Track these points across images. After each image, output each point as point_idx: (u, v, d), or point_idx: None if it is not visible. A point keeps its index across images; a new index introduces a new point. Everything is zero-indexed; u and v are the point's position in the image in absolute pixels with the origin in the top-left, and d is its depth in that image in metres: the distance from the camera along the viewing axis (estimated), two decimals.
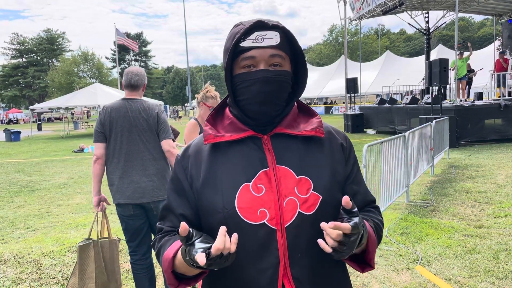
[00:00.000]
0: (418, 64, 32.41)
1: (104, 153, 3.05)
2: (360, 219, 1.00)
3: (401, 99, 20.73)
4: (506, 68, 15.57)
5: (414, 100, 15.83)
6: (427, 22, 22.12)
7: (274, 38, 1.08)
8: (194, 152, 1.19)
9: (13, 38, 72.95)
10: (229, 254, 0.95)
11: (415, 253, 4.20)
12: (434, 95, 13.38)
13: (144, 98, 3.24)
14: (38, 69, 71.20)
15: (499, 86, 15.49)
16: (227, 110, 1.21)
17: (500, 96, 14.93)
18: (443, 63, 11.92)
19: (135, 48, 26.79)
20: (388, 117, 16.87)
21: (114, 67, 68.56)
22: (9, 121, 49.48)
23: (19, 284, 3.90)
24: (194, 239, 0.97)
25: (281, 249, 1.07)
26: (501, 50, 17.58)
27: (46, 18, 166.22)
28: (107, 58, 74.09)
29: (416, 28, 23.21)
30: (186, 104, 62.49)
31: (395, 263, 3.97)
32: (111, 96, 23.90)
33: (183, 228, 0.94)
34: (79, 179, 9.69)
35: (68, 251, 4.72)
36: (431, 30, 22.56)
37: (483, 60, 24.66)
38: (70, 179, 9.73)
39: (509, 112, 12.63)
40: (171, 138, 3.10)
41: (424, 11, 22.19)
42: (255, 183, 1.09)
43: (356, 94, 20.33)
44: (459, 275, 3.66)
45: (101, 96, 24.83)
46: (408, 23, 22.94)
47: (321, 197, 1.10)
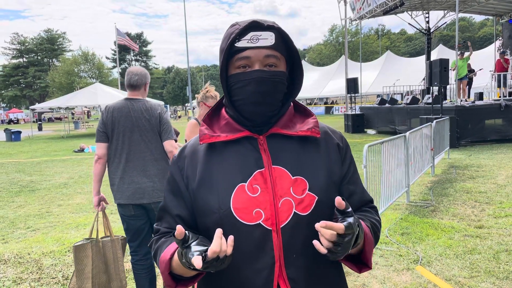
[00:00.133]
0: (419, 64, 32.41)
1: (106, 153, 3.04)
2: (355, 219, 0.99)
3: (402, 99, 20.74)
4: (507, 68, 15.58)
5: (415, 100, 15.82)
6: (428, 22, 22.14)
7: (269, 38, 1.08)
8: (190, 152, 1.19)
9: (14, 38, 73.14)
10: (226, 257, 0.94)
11: (416, 253, 4.20)
12: (434, 95, 13.37)
13: (146, 98, 3.23)
14: (39, 69, 71.26)
15: (499, 86, 15.50)
16: (223, 110, 1.20)
17: (500, 96, 14.92)
18: (443, 63, 11.91)
19: (136, 48, 26.78)
20: (389, 117, 16.87)
21: (114, 67, 68.54)
22: (10, 121, 49.52)
23: (19, 284, 3.91)
24: (190, 242, 0.97)
25: (277, 250, 1.06)
26: (502, 50, 17.59)
27: (46, 18, 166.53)
28: (107, 58, 74.21)
29: (417, 28, 23.23)
30: (186, 104, 62.50)
31: (395, 263, 3.97)
32: (111, 96, 23.90)
33: (179, 231, 0.94)
34: (80, 179, 9.69)
35: (69, 251, 4.72)
36: (431, 30, 22.58)
37: (483, 60, 24.65)
38: (71, 179, 9.73)
39: (510, 112, 12.62)
40: (174, 138, 3.09)
41: (424, 11, 22.20)
42: (251, 183, 1.09)
43: (356, 94, 20.34)
44: (460, 276, 3.66)
45: (102, 96, 24.83)
46: (409, 23, 22.96)
47: (316, 197, 1.10)
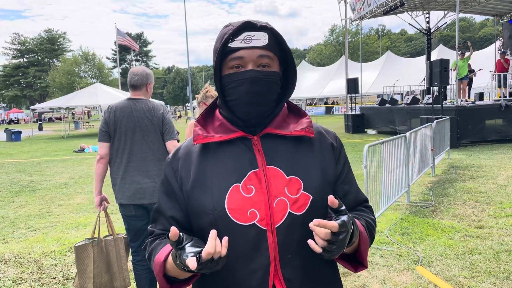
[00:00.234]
0: (419, 65, 32.36)
1: (108, 153, 3.04)
2: (349, 217, 0.99)
3: (402, 100, 20.74)
4: (507, 69, 15.58)
5: (415, 100, 15.81)
6: (428, 22, 22.13)
7: (262, 38, 1.08)
8: (184, 154, 1.19)
9: (14, 38, 73.21)
10: (220, 258, 0.94)
11: (416, 253, 4.20)
12: (434, 95, 13.37)
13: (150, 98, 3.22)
14: (39, 69, 71.29)
15: (500, 86, 15.51)
16: (217, 111, 1.20)
17: (501, 97, 14.93)
18: (443, 64, 11.91)
19: (136, 48, 26.79)
20: (389, 117, 16.86)
21: (115, 67, 68.59)
22: (10, 121, 49.54)
23: (19, 284, 3.91)
24: (184, 243, 0.96)
25: (272, 250, 1.06)
26: (502, 50, 17.59)
27: (47, 18, 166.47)
28: (108, 58, 74.27)
29: (417, 29, 23.21)
30: (186, 104, 62.51)
31: (395, 264, 3.97)
32: (111, 96, 23.92)
33: (173, 232, 0.93)
34: (80, 179, 9.69)
35: (69, 251, 4.72)
36: (432, 31, 22.56)
37: (483, 60, 24.63)
38: (71, 179, 9.74)
39: (510, 113, 12.61)
40: (176, 139, 3.09)
41: (425, 12, 22.19)
42: (245, 183, 1.09)
43: (356, 95, 20.33)
44: (460, 276, 3.66)
45: (102, 96, 24.85)
46: (409, 24, 22.94)
47: (311, 197, 1.10)
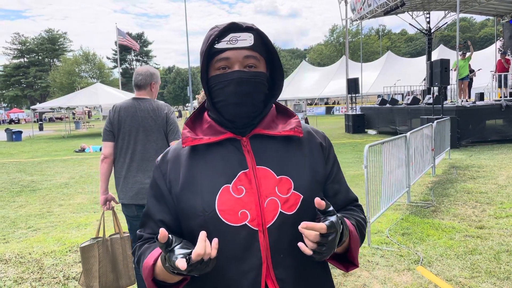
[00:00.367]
0: (419, 65, 32.35)
1: (112, 152, 3.05)
2: (338, 218, 0.99)
3: (402, 100, 20.74)
4: (508, 69, 15.57)
5: (415, 100, 15.81)
6: (428, 22, 22.13)
7: (248, 39, 1.09)
8: (173, 157, 1.18)
9: (15, 38, 73.17)
10: (210, 260, 0.93)
11: (416, 253, 4.20)
12: (435, 95, 13.37)
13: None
14: (40, 69, 71.31)
15: (500, 86, 15.49)
16: (205, 114, 1.20)
17: (501, 97, 14.92)
18: (444, 64, 11.91)
19: (137, 47, 26.81)
20: (389, 117, 16.86)
21: (115, 67, 68.65)
22: (11, 121, 49.53)
23: (20, 283, 3.91)
24: (173, 246, 0.96)
25: (264, 250, 1.06)
26: (503, 50, 17.59)
27: (47, 18, 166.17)
28: (108, 58, 74.15)
29: (417, 29, 23.21)
30: (187, 104, 62.55)
31: (396, 264, 3.97)
32: (112, 96, 23.94)
33: (162, 234, 0.93)
34: (80, 179, 9.70)
35: (70, 251, 4.72)
36: (432, 31, 22.57)
37: (484, 60, 24.64)
38: (72, 179, 9.74)
39: (510, 113, 12.60)
40: (180, 139, 3.09)
41: (425, 12, 22.19)
42: (235, 184, 1.09)
43: (357, 95, 20.34)
44: (460, 276, 3.66)
45: (102, 96, 24.86)
46: (410, 24, 22.95)
47: (302, 196, 1.10)
